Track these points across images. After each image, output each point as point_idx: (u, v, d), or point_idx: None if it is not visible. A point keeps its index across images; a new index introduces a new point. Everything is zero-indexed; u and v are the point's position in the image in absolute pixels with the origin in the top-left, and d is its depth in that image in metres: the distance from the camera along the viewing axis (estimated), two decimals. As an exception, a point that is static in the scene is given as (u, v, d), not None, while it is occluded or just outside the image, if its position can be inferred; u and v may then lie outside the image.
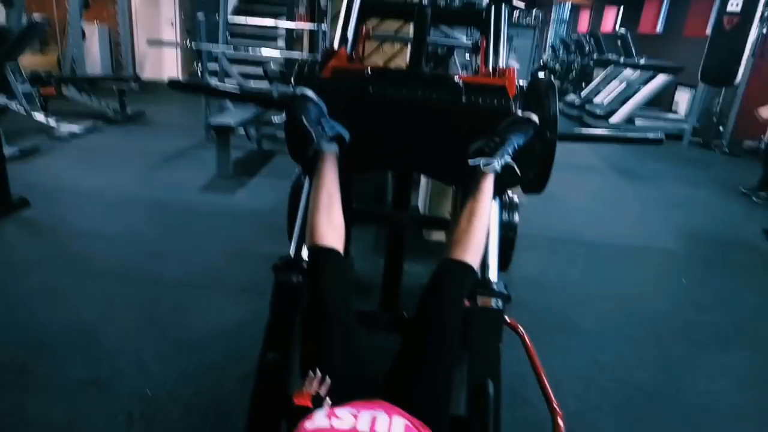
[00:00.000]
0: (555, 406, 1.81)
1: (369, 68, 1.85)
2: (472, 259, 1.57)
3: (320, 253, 1.54)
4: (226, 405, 2.03)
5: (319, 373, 1.33)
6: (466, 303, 1.68)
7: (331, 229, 1.59)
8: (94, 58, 9.32)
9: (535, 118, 1.71)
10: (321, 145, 1.73)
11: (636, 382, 2.41)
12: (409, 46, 3.92)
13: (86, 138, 5.78)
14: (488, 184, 1.71)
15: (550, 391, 1.88)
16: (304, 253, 1.81)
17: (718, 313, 3.10)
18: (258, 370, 1.66)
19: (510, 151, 1.73)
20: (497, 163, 1.71)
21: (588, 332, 2.78)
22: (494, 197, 1.82)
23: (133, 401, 2.00)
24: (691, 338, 2.82)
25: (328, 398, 1.27)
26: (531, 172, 2.04)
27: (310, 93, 1.69)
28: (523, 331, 2.18)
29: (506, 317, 2.05)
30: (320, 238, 1.55)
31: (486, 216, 1.67)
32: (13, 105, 5.47)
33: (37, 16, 5.38)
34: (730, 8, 6.56)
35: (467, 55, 4.06)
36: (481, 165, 1.70)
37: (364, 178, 3.65)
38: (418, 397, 1.37)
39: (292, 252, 1.87)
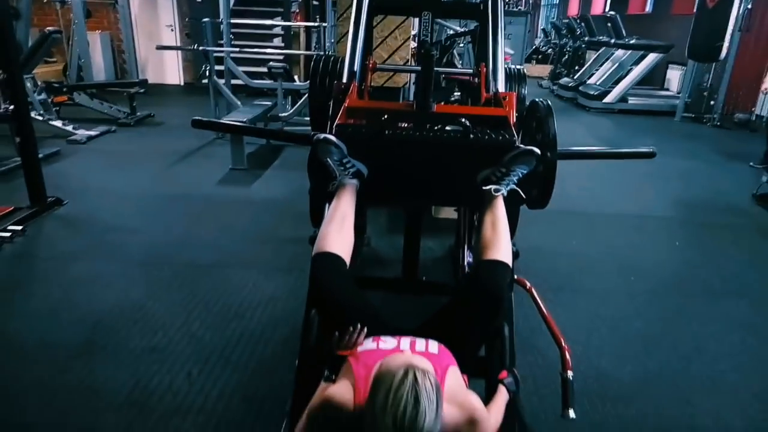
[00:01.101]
0: (563, 343, 2.08)
1: (382, 112, 1.95)
2: (505, 257, 1.73)
3: (325, 257, 1.69)
4: (272, 362, 2.30)
5: (358, 326, 1.54)
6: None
7: (340, 239, 1.75)
8: (98, 65, 9.54)
9: (537, 150, 1.86)
10: (343, 181, 1.91)
11: (633, 329, 2.68)
12: (411, 44, 4.16)
13: (102, 141, 6.03)
14: (500, 201, 1.91)
15: (557, 330, 2.15)
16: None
17: (708, 269, 3.38)
18: (304, 325, 1.92)
19: (515, 179, 1.92)
20: (504, 190, 1.92)
21: (589, 290, 3.05)
22: None
23: (190, 362, 2.27)
24: (683, 292, 3.08)
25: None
26: (534, 190, 2.26)
27: (332, 138, 1.84)
28: (530, 285, 2.46)
29: (515, 275, 2.31)
30: (328, 246, 1.70)
31: (505, 223, 1.83)
32: (32, 113, 5.70)
33: (50, 28, 5.61)
34: (712, -14, 6.82)
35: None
36: (492, 191, 1.92)
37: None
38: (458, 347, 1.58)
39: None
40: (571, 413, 1.88)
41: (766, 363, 2.46)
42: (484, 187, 1.89)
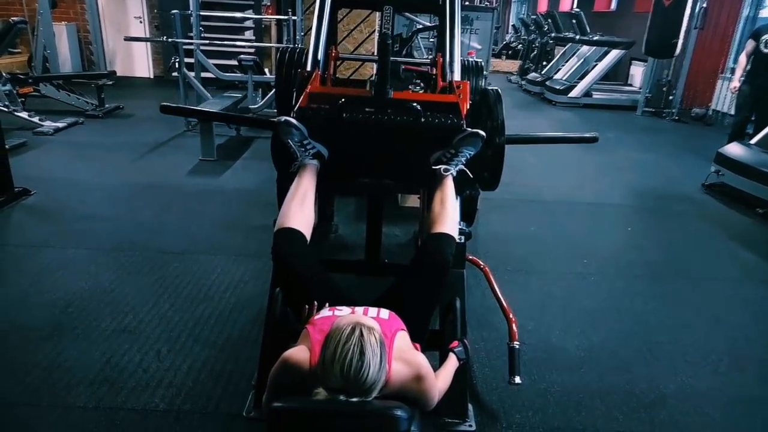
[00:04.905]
0: (510, 316, 2.25)
1: (342, 97, 2.08)
2: (451, 230, 1.89)
3: (286, 232, 1.81)
4: (240, 340, 2.41)
5: (315, 303, 1.68)
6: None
7: (301, 215, 1.86)
8: (64, 56, 9.39)
9: (482, 133, 2.02)
10: (304, 161, 2.02)
11: (582, 307, 2.86)
12: (376, 36, 4.29)
13: (70, 133, 5.99)
14: (449, 181, 2.06)
15: (506, 304, 2.31)
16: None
17: (654, 252, 3.60)
18: (269, 303, 2.04)
19: (463, 160, 2.08)
20: (453, 170, 2.07)
21: (544, 272, 3.22)
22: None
23: (160, 342, 2.36)
24: (630, 273, 3.29)
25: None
26: (485, 172, 2.42)
27: (292, 120, 1.96)
28: (484, 265, 2.61)
29: (469, 255, 2.46)
30: (289, 222, 1.82)
31: (453, 201, 1.99)
32: (-2, 104, 5.65)
33: (15, 18, 5.55)
34: (668, -14, 7.13)
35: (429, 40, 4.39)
36: (441, 171, 2.07)
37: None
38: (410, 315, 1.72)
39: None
40: (517, 379, 2.06)
41: (699, 333, 2.67)
42: (434, 167, 2.04)
